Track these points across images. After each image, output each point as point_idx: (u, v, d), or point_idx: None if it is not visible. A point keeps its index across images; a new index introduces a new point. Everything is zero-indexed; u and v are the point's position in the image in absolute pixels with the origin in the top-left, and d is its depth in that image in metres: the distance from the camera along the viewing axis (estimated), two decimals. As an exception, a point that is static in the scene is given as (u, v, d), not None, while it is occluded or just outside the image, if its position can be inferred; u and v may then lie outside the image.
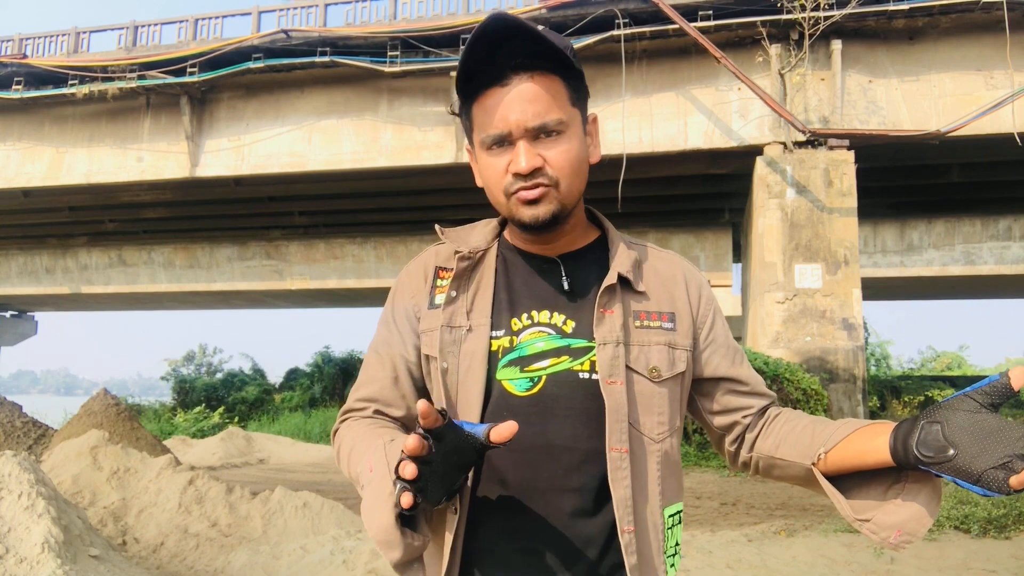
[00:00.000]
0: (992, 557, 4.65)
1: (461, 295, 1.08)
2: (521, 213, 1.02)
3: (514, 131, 1.00)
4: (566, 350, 1.03)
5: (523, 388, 1.02)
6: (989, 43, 11.84)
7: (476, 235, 1.14)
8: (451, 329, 1.06)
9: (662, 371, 1.05)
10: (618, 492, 0.99)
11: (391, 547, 0.91)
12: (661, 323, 1.07)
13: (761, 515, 6.87)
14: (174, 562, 4.85)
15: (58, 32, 15.71)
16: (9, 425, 9.56)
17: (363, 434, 1.04)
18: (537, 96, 1.00)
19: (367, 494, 0.94)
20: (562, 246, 1.10)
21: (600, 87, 13.11)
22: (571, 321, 1.05)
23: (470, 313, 1.06)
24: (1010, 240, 15.95)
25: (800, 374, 10.75)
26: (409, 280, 1.14)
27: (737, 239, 17.26)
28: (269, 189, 16.77)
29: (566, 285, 1.07)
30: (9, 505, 3.56)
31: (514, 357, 1.04)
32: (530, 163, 0.99)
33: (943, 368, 27.74)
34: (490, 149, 1.03)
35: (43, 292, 21.86)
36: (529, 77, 1.00)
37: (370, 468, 0.95)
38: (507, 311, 1.07)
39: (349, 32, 13.71)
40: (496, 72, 1.00)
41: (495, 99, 1.00)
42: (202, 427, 16.98)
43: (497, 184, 1.03)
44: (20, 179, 15.99)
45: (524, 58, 1.00)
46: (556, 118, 1.00)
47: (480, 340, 1.04)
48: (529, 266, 1.10)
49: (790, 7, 11.81)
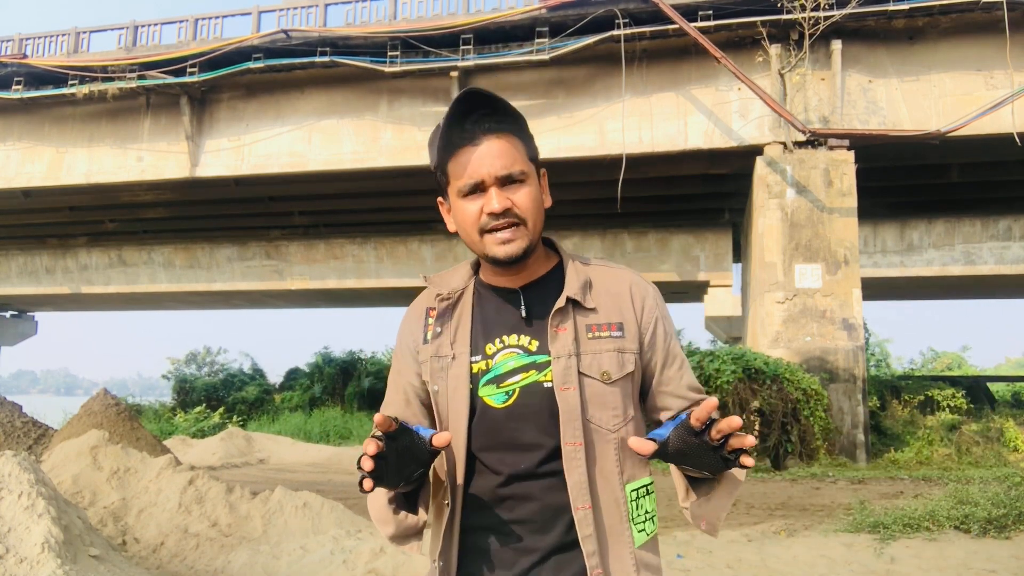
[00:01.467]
0: (992, 557, 4.65)
1: (445, 330, 1.31)
2: (495, 251, 1.23)
3: (486, 179, 1.22)
4: (533, 365, 1.25)
5: (500, 401, 1.24)
6: (989, 43, 11.84)
7: (456, 277, 1.36)
8: (439, 359, 1.29)
9: (612, 374, 1.25)
10: (572, 478, 1.20)
11: (383, 523, 1.26)
12: (611, 333, 1.27)
13: (761, 515, 6.88)
14: (174, 562, 4.85)
15: (58, 32, 15.71)
16: (9, 425, 9.56)
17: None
18: (503, 152, 1.23)
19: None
20: (523, 278, 1.30)
21: (600, 87, 13.12)
22: (535, 341, 1.26)
23: (453, 344, 1.29)
24: (1010, 240, 15.95)
25: (800, 374, 10.75)
26: (409, 322, 1.37)
27: (737, 239, 17.26)
28: (269, 189, 16.77)
29: (523, 313, 1.28)
30: (9, 505, 3.56)
31: (491, 376, 1.26)
32: (501, 204, 1.21)
33: (943, 368, 27.73)
34: (465, 197, 1.24)
35: (43, 292, 21.86)
36: (496, 137, 1.23)
37: None
38: (482, 338, 1.28)
39: (349, 32, 13.72)
40: (467, 135, 1.22)
41: (468, 156, 1.22)
42: (202, 427, 16.98)
43: (473, 225, 1.24)
44: (20, 179, 15.99)
45: (491, 123, 1.23)
46: (519, 169, 1.23)
47: (462, 365, 1.27)
48: (498, 298, 1.31)
49: (790, 7, 11.81)
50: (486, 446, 1.24)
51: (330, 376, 20.85)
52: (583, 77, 13.14)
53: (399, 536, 1.25)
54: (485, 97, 1.24)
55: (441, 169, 1.27)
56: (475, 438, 1.24)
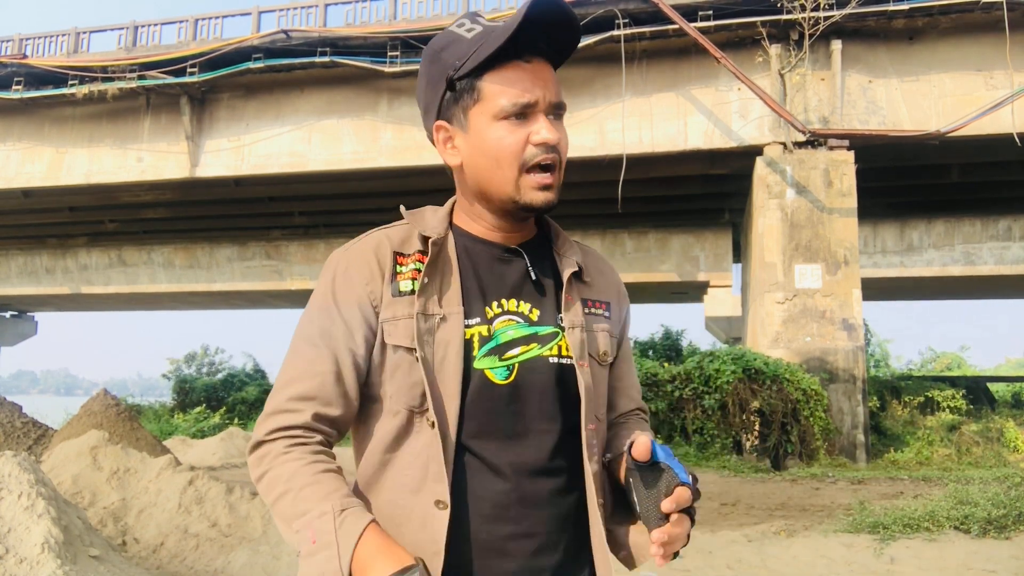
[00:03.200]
0: (992, 557, 4.65)
1: (433, 282, 1.04)
2: (533, 196, 1.03)
3: (541, 102, 1.02)
4: (535, 337, 1.05)
5: (502, 377, 1.02)
6: (989, 43, 11.84)
7: (431, 221, 1.10)
8: (426, 317, 1.01)
9: (609, 355, 1.12)
10: (593, 467, 1.04)
11: None
12: (603, 311, 1.14)
13: (761, 515, 6.87)
14: (174, 562, 4.85)
15: (58, 32, 15.72)
16: (9, 425, 9.56)
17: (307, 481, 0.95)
18: (553, 79, 1.05)
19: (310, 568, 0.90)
20: (522, 236, 1.12)
21: (600, 87, 13.11)
22: (536, 309, 1.07)
23: (441, 301, 1.03)
24: (1010, 240, 15.95)
25: (800, 374, 10.75)
26: (358, 266, 1.05)
27: (737, 239, 17.25)
28: (269, 189, 16.77)
29: (533, 275, 1.09)
30: (9, 505, 3.56)
31: (492, 346, 1.03)
32: (556, 135, 1.02)
33: (943, 368, 27.73)
34: (506, 119, 1.02)
35: (43, 292, 21.87)
36: (544, 62, 1.05)
37: (312, 540, 0.90)
38: (479, 299, 1.05)
39: (349, 32, 13.72)
40: (515, 50, 1.01)
41: (519, 72, 1.02)
42: (202, 427, 16.97)
43: (514, 156, 1.02)
44: (20, 179, 15.99)
45: (545, 47, 1.04)
46: (564, 103, 1.07)
47: (455, 329, 1.02)
48: (492, 254, 1.09)
49: (790, 7, 11.81)
50: (480, 432, 1.00)
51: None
52: (583, 77, 13.13)
53: None
54: (568, 15, 1.03)
55: (468, 80, 1.03)
56: (467, 422, 1.00)
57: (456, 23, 1.06)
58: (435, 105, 1.07)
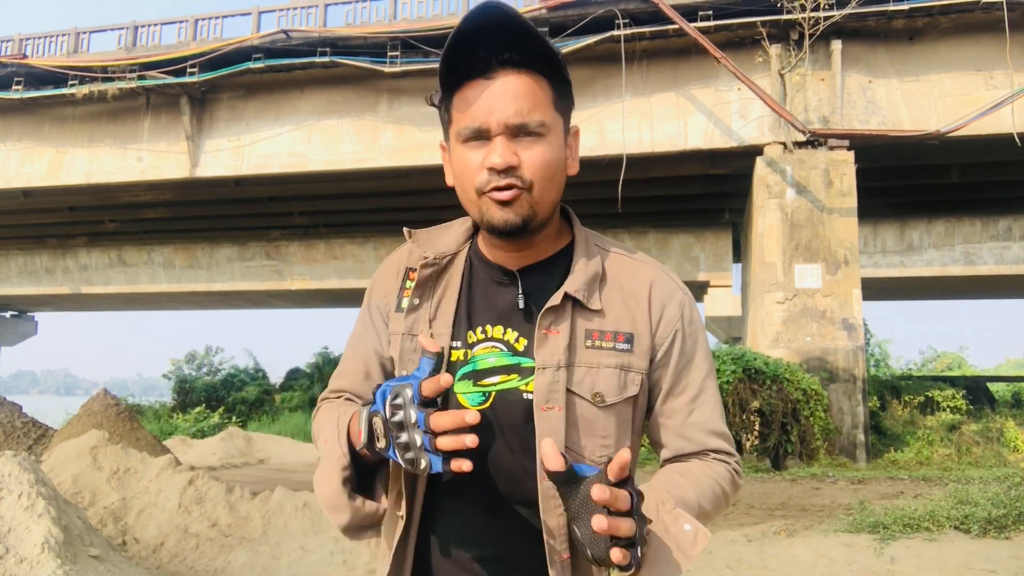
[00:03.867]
0: (992, 557, 4.65)
1: (424, 303, 1.05)
2: (492, 214, 0.98)
3: (493, 126, 0.96)
4: (516, 368, 1.01)
5: (476, 402, 1.00)
6: (989, 43, 11.83)
7: (447, 238, 1.09)
8: (411, 337, 1.04)
9: (606, 396, 1.00)
10: (551, 521, 0.96)
11: (337, 510, 0.97)
12: (616, 344, 1.01)
13: (761, 515, 6.87)
14: (174, 562, 4.85)
15: (58, 32, 15.71)
16: (9, 425, 9.56)
17: (329, 414, 1.09)
18: (521, 93, 0.96)
19: (320, 466, 1.00)
20: (526, 257, 1.05)
21: (600, 87, 13.11)
22: (523, 339, 1.01)
23: (433, 321, 1.04)
24: (1010, 240, 15.94)
25: (800, 374, 10.75)
26: (383, 278, 1.13)
27: (737, 239, 17.25)
28: (269, 189, 16.77)
29: (521, 303, 1.03)
30: (9, 505, 3.56)
31: (468, 371, 1.02)
32: (506, 160, 0.95)
33: (943, 368, 27.73)
34: (466, 142, 0.98)
35: (43, 292, 21.86)
36: (516, 73, 0.96)
37: (325, 439, 1.02)
38: (465, 323, 1.04)
39: (349, 32, 13.71)
40: (481, 64, 0.96)
41: (477, 91, 0.96)
42: (202, 427, 16.97)
43: (470, 180, 0.98)
44: (20, 179, 15.99)
45: (512, 53, 0.96)
46: (538, 119, 0.97)
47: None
48: (489, 276, 1.06)
49: (790, 7, 11.81)
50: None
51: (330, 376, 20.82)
52: (583, 77, 13.13)
53: (354, 527, 0.99)
54: (508, 16, 0.94)
55: (444, 102, 1.01)
56: None
57: None
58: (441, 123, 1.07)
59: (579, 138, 1.07)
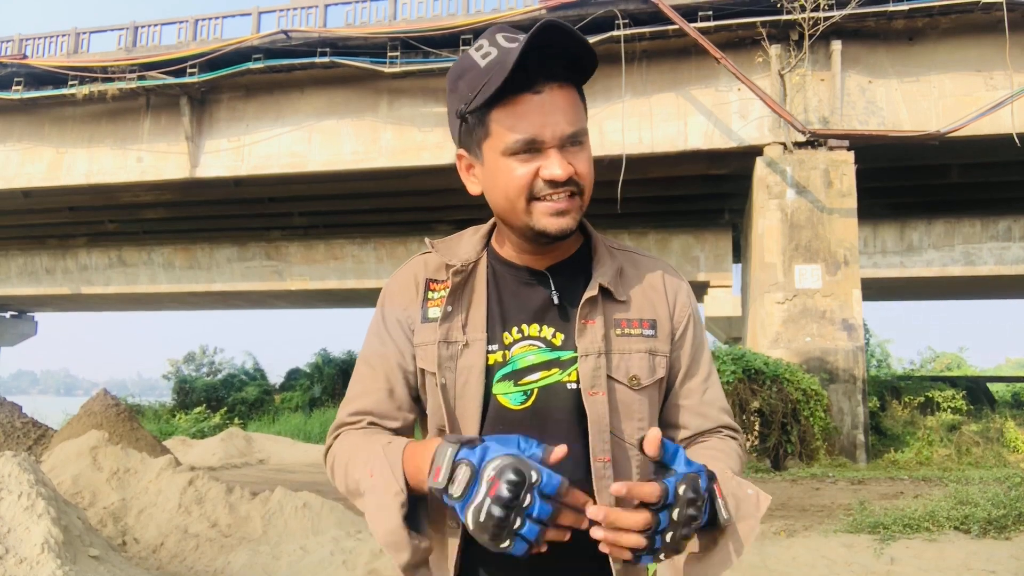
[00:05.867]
0: (992, 557, 4.65)
1: (457, 310, 1.08)
2: (547, 223, 1.02)
3: (548, 139, 1.00)
4: (556, 362, 1.06)
5: (517, 402, 1.05)
6: (989, 44, 11.84)
7: (465, 246, 1.14)
8: (448, 345, 1.07)
9: (642, 379, 1.07)
10: (603, 500, 1.00)
11: (399, 549, 0.95)
12: (642, 330, 1.09)
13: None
14: (174, 562, 4.85)
15: (58, 33, 15.71)
16: (9, 425, 9.56)
17: (359, 443, 1.06)
18: (569, 105, 1.01)
19: (370, 499, 0.98)
20: (552, 257, 1.11)
21: (600, 87, 13.11)
22: (560, 334, 1.07)
23: (465, 327, 1.07)
24: (1010, 241, 15.95)
25: (800, 375, 10.74)
26: (400, 290, 1.14)
27: (737, 240, 17.25)
28: (269, 190, 16.77)
29: (555, 300, 1.08)
30: (9, 505, 3.56)
31: (507, 371, 1.05)
32: (566, 170, 1.00)
33: (942, 368, 27.73)
34: (515, 155, 1.01)
35: (43, 292, 21.86)
36: (559, 87, 1.01)
37: (370, 473, 0.98)
38: (499, 325, 1.08)
39: (349, 33, 13.72)
40: (529, 79, 0.99)
41: (527, 105, 0.99)
42: (202, 428, 16.98)
43: (521, 190, 1.02)
44: (20, 179, 15.99)
45: (560, 69, 1.01)
46: (583, 128, 1.03)
47: (477, 355, 1.06)
48: (518, 279, 1.11)
49: (790, 7, 11.81)
50: None
51: (330, 377, 20.85)
52: (583, 78, 13.14)
53: (412, 565, 0.97)
54: (567, 34, 0.98)
55: (478, 115, 1.03)
56: None
57: (475, 44, 1.04)
58: (456, 134, 1.10)
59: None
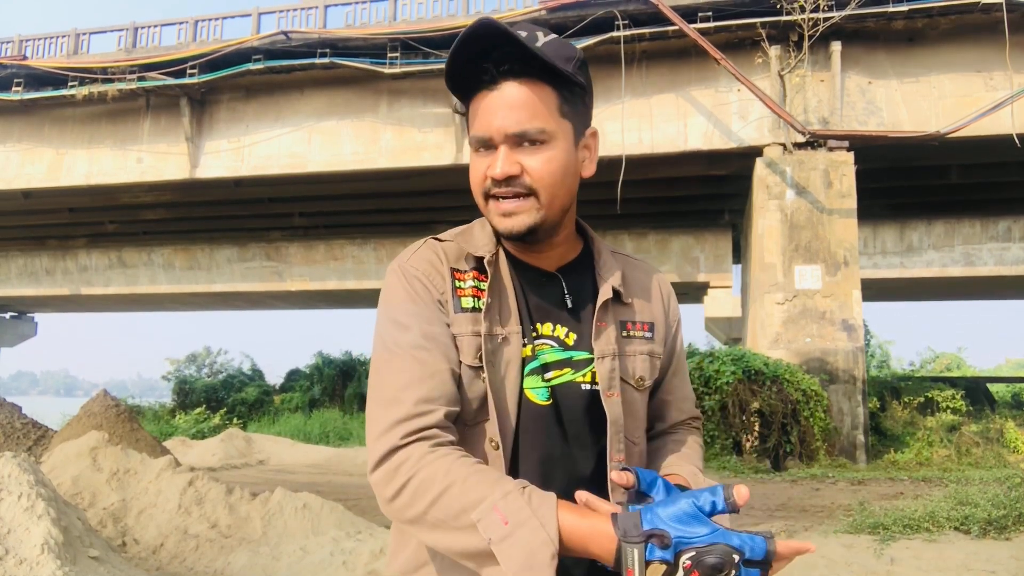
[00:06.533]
0: (992, 558, 4.65)
1: (494, 302, 1.04)
2: (496, 222, 1.03)
3: (495, 136, 0.99)
4: (568, 362, 1.06)
5: (543, 397, 1.04)
6: (988, 44, 11.84)
7: (483, 238, 1.09)
8: (491, 338, 1.02)
9: (646, 380, 1.11)
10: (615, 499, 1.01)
11: None
12: (644, 333, 1.12)
13: (761, 515, 6.87)
14: (174, 563, 4.85)
15: (58, 34, 15.72)
16: (9, 426, 9.55)
17: (462, 469, 0.92)
18: (522, 103, 0.98)
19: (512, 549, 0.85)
20: (556, 259, 1.11)
21: (600, 88, 13.10)
22: (572, 334, 1.08)
23: (504, 321, 1.04)
24: (1010, 241, 15.95)
25: (800, 375, 10.75)
26: (428, 275, 1.05)
27: (737, 240, 17.26)
28: (269, 190, 16.77)
29: (569, 302, 1.09)
30: (9, 506, 3.56)
31: (535, 366, 1.05)
32: (505, 170, 0.99)
33: (942, 369, 27.73)
34: (476, 151, 1.03)
35: (43, 293, 21.87)
36: (517, 83, 0.99)
37: (504, 521, 0.86)
38: (528, 320, 1.07)
39: (349, 34, 13.72)
40: (488, 75, 1.00)
41: (484, 102, 1.01)
42: (202, 428, 16.98)
43: (478, 186, 1.04)
44: (20, 180, 15.99)
45: (514, 63, 0.99)
46: (538, 127, 0.99)
47: (516, 348, 1.03)
48: (532, 277, 1.09)
49: (789, 9, 11.82)
50: (525, 450, 1.02)
51: (329, 377, 20.85)
52: (583, 78, 13.15)
53: None
54: (492, 28, 0.96)
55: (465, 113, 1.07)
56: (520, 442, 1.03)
57: None
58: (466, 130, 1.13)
59: (598, 139, 1.10)
